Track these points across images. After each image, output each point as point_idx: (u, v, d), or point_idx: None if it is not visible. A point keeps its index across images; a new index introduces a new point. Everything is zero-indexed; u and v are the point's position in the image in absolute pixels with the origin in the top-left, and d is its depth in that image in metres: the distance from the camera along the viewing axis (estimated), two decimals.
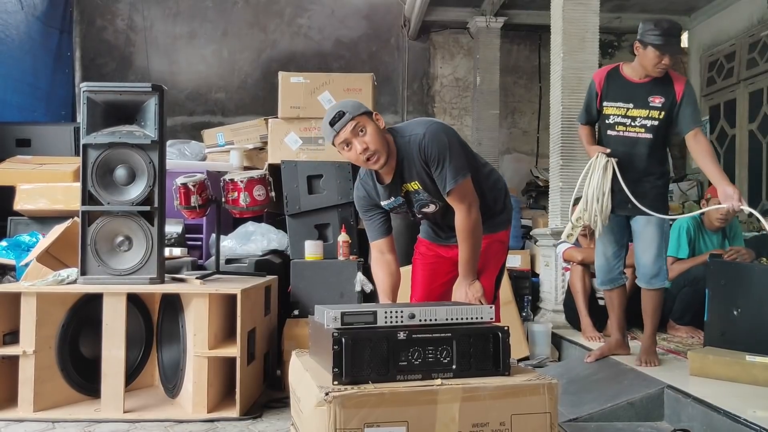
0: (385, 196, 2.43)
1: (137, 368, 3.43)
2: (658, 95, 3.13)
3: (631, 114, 3.17)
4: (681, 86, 3.13)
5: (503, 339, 1.80)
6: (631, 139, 3.18)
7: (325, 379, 1.73)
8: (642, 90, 3.15)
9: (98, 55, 7.67)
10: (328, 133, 2.27)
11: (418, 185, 2.38)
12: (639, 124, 3.17)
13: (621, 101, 3.18)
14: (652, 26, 3.05)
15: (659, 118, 3.14)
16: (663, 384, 2.83)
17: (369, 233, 2.52)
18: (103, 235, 3.13)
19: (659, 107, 3.13)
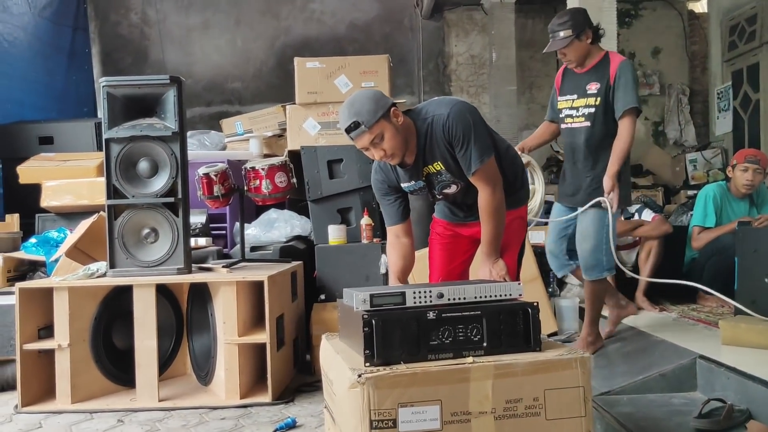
0: (406, 178, 2.42)
1: (169, 357, 3.48)
2: (594, 82, 3.10)
3: (576, 105, 3.16)
4: (614, 68, 3.07)
5: (533, 315, 1.80)
6: (574, 129, 3.16)
7: (357, 362, 1.74)
8: (583, 79, 3.14)
9: (114, 51, 7.72)
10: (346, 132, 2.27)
11: (441, 166, 2.37)
12: (580, 114, 3.14)
13: (568, 94, 3.18)
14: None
15: (595, 105, 3.09)
16: (695, 354, 2.81)
17: (386, 218, 2.52)
18: (130, 228, 3.17)
19: (595, 93, 3.09)
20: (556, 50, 3.11)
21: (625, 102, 3.02)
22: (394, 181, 2.45)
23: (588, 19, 3.12)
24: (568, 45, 3.05)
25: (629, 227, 4.03)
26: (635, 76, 3.10)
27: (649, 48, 8.16)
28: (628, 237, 4.12)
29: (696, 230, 4.05)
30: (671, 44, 8.18)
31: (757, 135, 6.99)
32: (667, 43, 8.17)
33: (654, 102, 8.20)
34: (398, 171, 2.42)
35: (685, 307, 4.00)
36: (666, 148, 8.10)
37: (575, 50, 3.08)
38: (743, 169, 3.93)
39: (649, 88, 8.16)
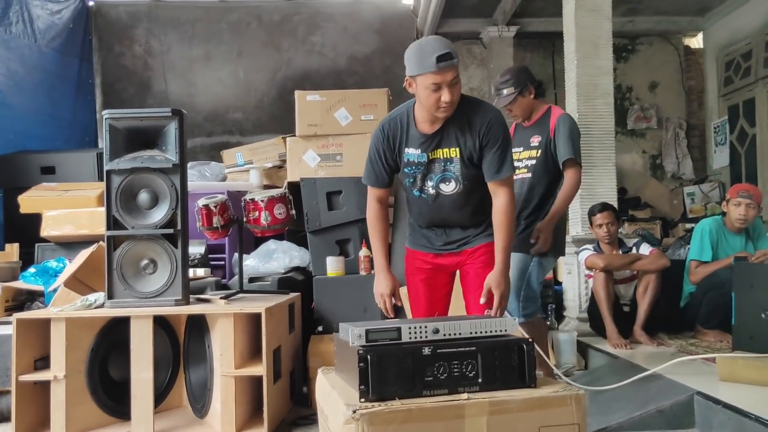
0: (415, 144, 2.40)
1: (165, 389, 3.46)
2: (536, 135, 3.20)
3: (520, 157, 3.24)
4: (554, 121, 3.17)
5: (528, 351, 1.80)
6: (519, 180, 3.21)
7: (352, 397, 1.74)
8: (528, 132, 3.26)
9: (117, 81, 7.81)
10: (424, 64, 2.21)
11: (456, 152, 2.36)
12: (523, 165, 3.23)
13: (515, 147, 3.23)
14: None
15: (536, 157, 3.19)
16: (692, 390, 2.80)
17: (371, 178, 2.51)
18: (129, 258, 3.18)
19: (537, 146, 3.19)
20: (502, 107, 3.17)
21: (563, 153, 3.11)
22: (396, 144, 2.42)
23: (530, 75, 3.24)
24: (512, 101, 3.16)
25: (627, 261, 4.04)
26: (574, 129, 3.17)
27: (646, 82, 8.26)
28: (626, 271, 4.13)
29: (693, 264, 4.06)
30: (668, 79, 8.29)
31: (754, 169, 7.05)
32: (663, 77, 8.28)
33: (651, 135, 8.28)
34: (409, 134, 2.40)
35: (683, 341, 3.99)
36: (664, 181, 8.16)
37: (519, 106, 3.20)
38: (736, 203, 3.96)
39: (647, 122, 8.24)
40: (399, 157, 2.45)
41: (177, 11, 7.90)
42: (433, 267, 2.59)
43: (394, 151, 2.44)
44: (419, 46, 2.29)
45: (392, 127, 2.43)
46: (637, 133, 8.27)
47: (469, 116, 2.35)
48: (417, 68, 2.24)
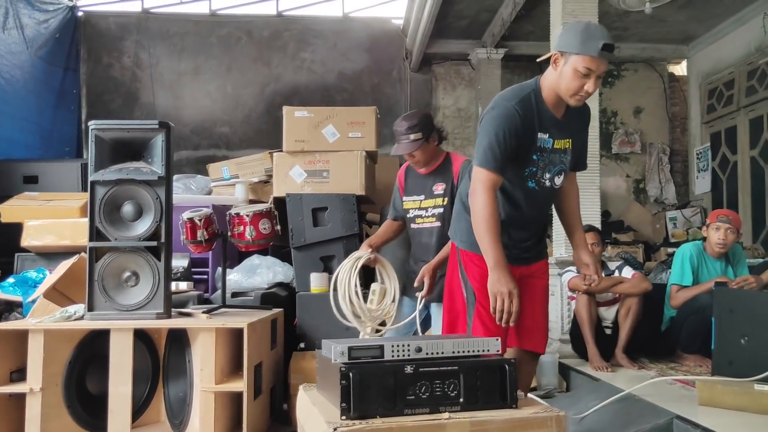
0: (547, 128, 2.29)
1: (144, 404, 3.41)
2: (440, 182, 3.17)
3: (424, 205, 3.21)
4: (457, 168, 3.14)
5: (510, 371, 1.80)
6: (425, 229, 3.20)
7: (333, 414, 1.73)
8: (429, 180, 3.21)
9: (105, 92, 7.79)
10: (588, 46, 2.12)
11: (569, 144, 2.36)
12: (430, 214, 3.19)
13: (414, 195, 3.23)
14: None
15: (443, 205, 3.14)
16: (672, 414, 2.81)
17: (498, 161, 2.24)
18: (110, 270, 3.15)
19: (442, 194, 3.15)
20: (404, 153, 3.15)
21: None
22: (530, 126, 2.27)
23: (433, 121, 3.22)
24: (419, 147, 3.10)
25: (609, 284, 4.07)
26: None
27: (631, 107, 8.38)
28: (609, 293, 4.16)
29: (674, 289, 4.10)
30: (652, 104, 8.42)
31: (735, 196, 7.15)
32: (648, 103, 8.40)
33: (635, 160, 8.38)
34: (542, 116, 2.29)
35: (663, 365, 4.01)
36: (647, 205, 8.24)
37: (424, 152, 3.13)
38: (716, 228, 4.01)
39: (631, 147, 8.34)
40: (529, 143, 2.27)
41: (167, 24, 7.92)
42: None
43: (524, 136, 2.26)
44: (586, 26, 2.19)
45: (525, 107, 2.26)
46: (621, 157, 8.36)
47: (582, 109, 2.36)
48: (578, 46, 2.14)
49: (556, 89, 2.26)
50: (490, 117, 2.28)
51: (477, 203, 2.27)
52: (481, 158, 2.27)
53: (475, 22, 7.25)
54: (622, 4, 6.21)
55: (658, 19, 6.98)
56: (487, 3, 6.69)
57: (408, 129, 3.10)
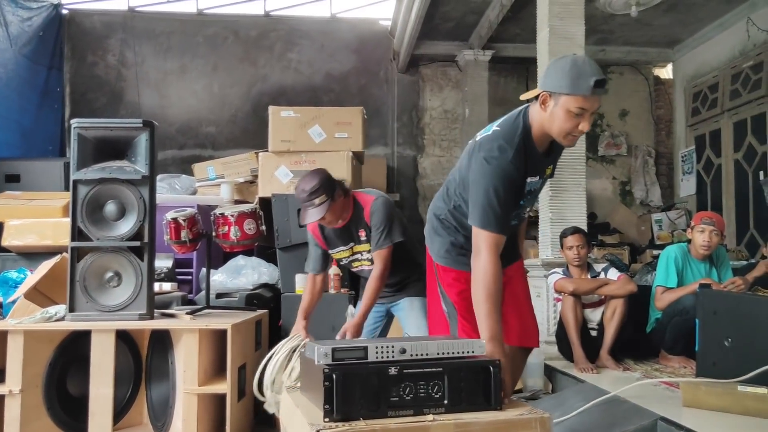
0: (535, 170, 2.21)
1: (125, 406, 3.38)
2: (361, 229, 3.13)
3: (358, 249, 3.18)
4: (367, 212, 3.08)
5: (495, 373, 1.79)
6: (367, 269, 3.17)
7: (316, 416, 1.71)
8: (350, 230, 3.15)
9: (89, 90, 7.72)
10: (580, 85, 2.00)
11: (551, 169, 2.35)
12: (366, 258, 3.18)
13: (341, 245, 3.19)
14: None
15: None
16: (656, 416, 2.81)
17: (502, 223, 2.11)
18: (92, 271, 3.12)
19: (366, 239, 3.13)
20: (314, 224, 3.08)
21: (378, 244, 3.04)
22: (522, 176, 2.17)
23: (332, 177, 3.07)
24: (328, 210, 2.98)
25: (595, 285, 4.08)
26: (388, 212, 3.06)
27: (617, 110, 8.42)
28: (594, 295, 4.17)
29: (659, 290, 4.11)
30: (638, 107, 8.47)
31: (719, 198, 7.20)
32: (633, 106, 8.45)
33: (621, 162, 8.42)
34: (532, 160, 2.18)
35: (648, 366, 4.02)
36: (632, 208, 8.29)
37: (333, 212, 3.01)
38: (700, 230, 4.03)
39: (617, 149, 8.38)
40: (521, 189, 2.19)
41: (153, 23, 7.86)
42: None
43: (519, 184, 2.17)
44: (573, 62, 2.05)
45: (519, 157, 2.13)
46: (607, 160, 8.40)
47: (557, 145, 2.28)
48: (569, 87, 2.01)
49: (547, 130, 2.14)
50: (485, 171, 2.12)
51: (480, 268, 2.10)
52: (483, 220, 2.11)
53: (462, 24, 7.25)
54: (608, 7, 6.25)
55: (644, 23, 7.03)
56: (474, 5, 6.70)
57: (311, 195, 2.94)
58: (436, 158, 8.19)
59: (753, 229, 6.69)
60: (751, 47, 6.61)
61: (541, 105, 2.11)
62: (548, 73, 2.10)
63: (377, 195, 3.15)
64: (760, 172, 6.53)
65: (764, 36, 6.39)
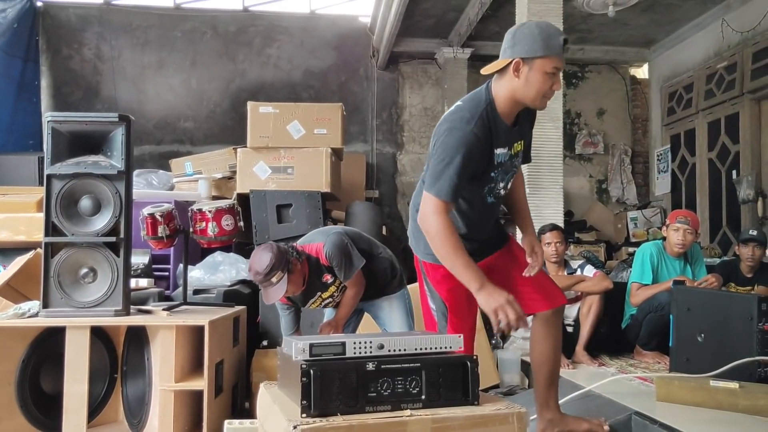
0: (503, 141, 2.20)
1: (101, 403, 3.34)
2: (325, 274, 3.10)
3: (326, 296, 3.18)
4: (323, 258, 3.05)
5: (472, 368, 1.80)
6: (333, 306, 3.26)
7: (293, 412, 1.71)
8: (313, 284, 3.11)
9: (64, 84, 7.61)
10: (552, 46, 2.08)
11: (521, 146, 2.32)
12: (339, 293, 3.19)
13: (309, 299, 3.18)
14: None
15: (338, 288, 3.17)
16: (631, 410, 2.85)
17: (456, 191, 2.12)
18: (67, 266, 3.07)
19: (333, 279, 3.12)
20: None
21: (346, 276, 3.07)
22: (488, 146, 2.17)
23: (282, 248, 2.94)
24: (288, 283, 2.92)
25: (571, 282, 4.11)
26: (341, 248, 3.05)
27: (594, 109, 8.50)
28: (570, 292, 4.21)
29: (634, 287, 4.16)
30: (615, 106, 8.56)
31: (693, 197, 7.31)
32: (611, 105, 8.54)
33: (598, 160, 8.51)
34: (498, 130, 2.18)
35: (623, 362, 4.08)
36: (609, 206, 8.38)
37: (294, 283, 2.96)
38: (675, 228, 4.09)
39: (594, 147, 8.47)
40: (486, 162, 2.19)
41: (130, 16, 7.76)
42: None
43: (485, 155, 2.17)
44: (539, 26, 2.12)
45: (483, 127, 2.14)
46: (584, 158, 8.48)
47: (528, 109, 2.30)
48: (544, 49, 2.07)
49: (521, 97, 2.16)
50: (446, 140, 2.14)
51: (433, 230, 2.14)
52: (436, 188, 2.12)
53: (442, 22, 7.27)
54: (586, 6, 6.30)
55: (621, 23, 7.10)
56: (454, 2, 6.72)
57: (266, 276, 2.86)
58: (415, 155, 8.20)
59: (725, 227, 6.80)
60: (725, 48, 6.72)
61: (514, 73, 2.14)
62: (516, 41, 2.14)
63: (323, 238, 3.09)
64: (733, 172, 6.64)
65: (738, 37, 6.49)
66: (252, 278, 2.98)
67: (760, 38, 6.19)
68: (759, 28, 6.19)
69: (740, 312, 3.16)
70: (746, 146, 6.46)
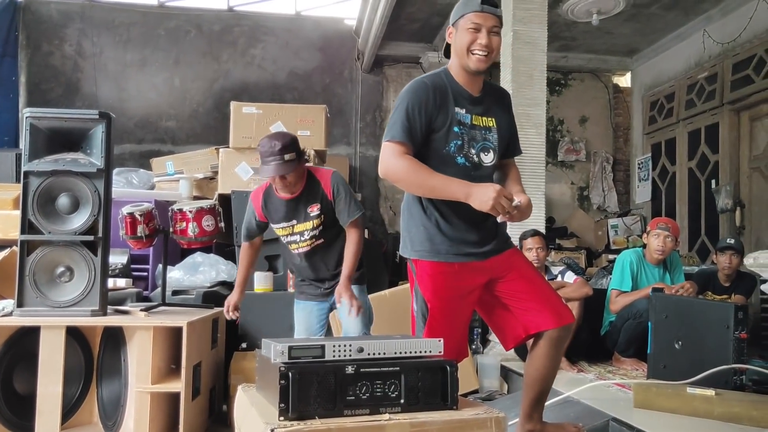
0: (463, 103, 2.26)
1: (75, 404, 3.28)
2: (312, 203, 3.06)
3: (298, 229, 3.10)
4: (327, 183, 3.06)
5: (451, 373, 1.80)
6: (308, 251, 3.13)
7: (271, 415, 1.69)
8: (300, 203, 3.07)
9: (44, 81, 7.50)
10: (468, 5, 2.22)
11: (493, 122, 2.33)
12: (308, 237, 3.09)
13: (284, 221, 3.11)
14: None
15: (323, 223, 3.08)
16: (608, 416, 2.86)
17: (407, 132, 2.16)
18: (43, 265, 3.03)
19: (318, 214, 3.06)
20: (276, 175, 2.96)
21: (350, 213, 3.04)
22: (442, 101, 2.23)
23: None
24: (294, 169, 2.95)
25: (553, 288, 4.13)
26: (348, 186, 3.11)
27: (577, 116, 8.56)
28: None
29: (614, 294, 4.19)
30: (597, 114, 8.62)
31: (673, 205, 7.39)
32: (593, 112, 8.60)
33: (580, 168, 8.56)
34: (455, 90, 2.26)
35: (602, 368, 4.10)
36: (590, 213, 8.43)
37: (297, 173, 2.99)
38: (655, 235, 4.13)
39: (576, 154, 8.52)
40: (446, 115, 2.22)
41: (112, 13, 7.69)
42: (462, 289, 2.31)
43: (439, 109, 2.22)
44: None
45: (436, 81, 2.24)
46: (566, 165, 8.54)
47: (500, 92, 2.42)
48: (461, 10, 2.24)
49: (459, 60, 2.27)
50: (401, 95, 2.26)
51: (396, 170, 2.16)
52: (389, 132, 2.20)
53: (427, 26, 7.28)
54: (570, 14, 6.36)
55: (605, 31, 7.16)
56: (439, 7, 6.73)
57: (282, 149, 2.89)
58: None
59: (704, 236, 6.88)
60: (706, 59, 6.80)
61: (448, 38, 2.32)
62: (451, 15, 2.32)
63: (333, 170, 3.15)
64: (712, 181, 6.72)
65: (719, 48, 6.58)
66: (263, 150, 2.94)
67: (740, 50, 6.28)
68: (739, 40, 6.28)
69: (717, 320, 3.19)
70: (725, 156, 6.54)
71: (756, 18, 6.04)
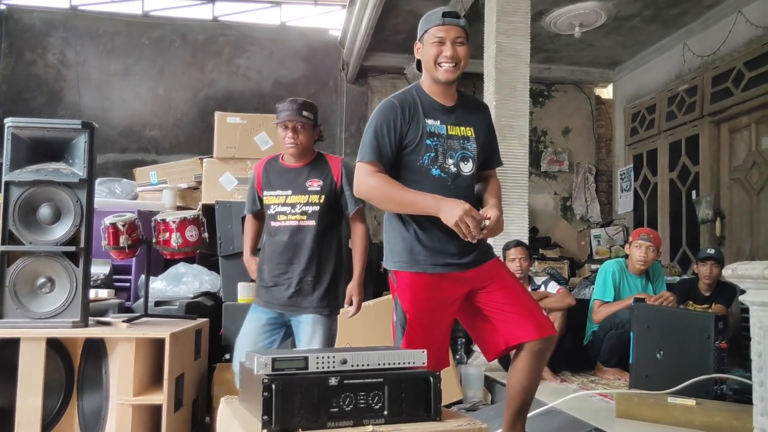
0: (434, 114, 2.29)
1: (55, 417, 3.24)
2: (314, 178, 2.99)
3: (291, 201, 2.98)
4: (337, 168, 3.03)
5: (434, 384, 1.80)
6: (292, 227, 2.96)
7: (254, 427, 1.68)
8: (301, 174, 3.01)
9: (26, 89, 7.45)
10: (431, 20, 2.28)
11: (471, 132, 2.35)
12: (299, 211, 2.96)
13: (279, 189, 3.01)
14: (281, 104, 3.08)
15: (320, 203, 2.96)
16: (591, 426, 2.88)
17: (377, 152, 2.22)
18: (24, 276, 3.00)
19: (318, 191, 2.97)
20: (291, 122, 2.97)
21: (357, 202, 3.00)
22: (413, 116, 2.26)
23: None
24: (304, 127, 2.96)
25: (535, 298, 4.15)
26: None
27: (560, 127, 8.64)
28: None
29: (596, 304, 4.22)
30: (580, 125, 8.71)
31: (654, 216, 7.46)
32: (576, 124, 8.68)
33: (563, 178, 8.63)
34: (426, 104, 2.30)
35: (584, 378, 4.12)
36: (573, 223, 8.49)
37: (307, 135, 2.99)
38: (637, 246, 4.17)
39: (559, 165, 8.59)
40: (417, 129, 2.26)
41: (96, 23, 7.66)
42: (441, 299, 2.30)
43: (409, 124, 2.26)
44: (430, 11, 2.35)
45: (404, 99, 2.30)
46: (549, 175, 8.60)
47: (476, 102, 2.47)
48: (424, 25, 2.30)
49: (429, 73, 2.32)
50: (371, 116, 2.32)
51: (368, 188, 2.24)
52: (360, 153, 2.26)
53: (412, 37, 7.21)
54: (553, 27, 6.43)
55: (587, 44, 7.25)
56: None
57: (302, 105, 3.00)
58: None
59: (685, 246, 6.95)
60: (686, 71, 6.90)
61: (418, 55, 2.36)
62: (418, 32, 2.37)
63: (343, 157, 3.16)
64: (693, 192, 6.80)
65: (699, 61, 6.67)
66: (282, 105, 3.05)
67: (719, 63, 6.38)
68: (719, 53, 6.38)
69: (698, 330, 3.23)
70: (705, 167, 6.63)
71: (735, 32, 6.14)
